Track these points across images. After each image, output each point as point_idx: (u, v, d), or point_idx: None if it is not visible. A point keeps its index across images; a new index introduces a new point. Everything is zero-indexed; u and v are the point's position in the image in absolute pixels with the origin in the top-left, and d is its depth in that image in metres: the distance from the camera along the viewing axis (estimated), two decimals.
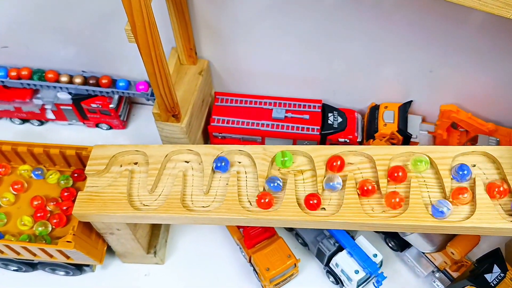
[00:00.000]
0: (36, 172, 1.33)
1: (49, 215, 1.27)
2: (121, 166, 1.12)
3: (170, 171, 1.10)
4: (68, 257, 1.20)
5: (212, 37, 1.38)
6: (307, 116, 1.42)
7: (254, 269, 1.32)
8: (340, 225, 0.97)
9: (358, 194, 0.98)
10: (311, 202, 0.98)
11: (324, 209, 0.99)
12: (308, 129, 1.40)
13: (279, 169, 1.06)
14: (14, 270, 1.35)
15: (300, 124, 1.41)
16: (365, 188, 0.97)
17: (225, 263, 1.38)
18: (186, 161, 1.11)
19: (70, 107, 1.53)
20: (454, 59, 1.28)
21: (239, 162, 1.09)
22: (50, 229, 1.25)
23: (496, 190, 0.94)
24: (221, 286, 1.35)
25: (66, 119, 1.60)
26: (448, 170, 0.98)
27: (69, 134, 1.63)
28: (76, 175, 1.31)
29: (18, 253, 1.21)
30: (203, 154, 1.09)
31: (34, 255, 1.21)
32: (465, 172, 0.96)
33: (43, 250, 1.16)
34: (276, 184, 1.01)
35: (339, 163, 1.02)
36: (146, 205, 1.06)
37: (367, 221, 0.95)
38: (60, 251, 1.15)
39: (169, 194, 1.05)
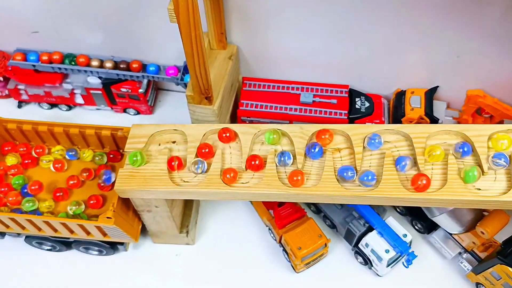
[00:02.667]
0: (70, 153, 1.36)
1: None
2: (159, 144, 1.15)
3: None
4: (105, 234, 1.23)
5: (242, 22, 1.40)
6: (334, 101, 1.45)
7: (284, 249, 1.34)
8: (380, 200, 0.99)
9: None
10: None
11: None
12: (336, 113, 1.43)
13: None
14: (47, 250, 1.37)
15: (327, 109, 1.43)
16: None
17: (254, 244, 1.41)
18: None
19: (100, 92, 1.55)
20: (482, 44, 1.30)
21: None
22: (83, 207, 1.28)
23: None
24: (250, 266, 1.37)
25: (95, 103, 1.62)
26: (486, 148, 1.00)
27: (97, 119, 1.66)
28: (111, 156, 1.34)
29: (55, 230, 1.23)
30: (240, 132, 1.11)
31: (72, 232, 1.23)
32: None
33: (81, 226, 1.18)
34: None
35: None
36: (186, 182, 1.08)
37: (406, 195, 0.97)
38: (99, 228, 1.18)
39: (208, 171, 1.08)
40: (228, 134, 1.10)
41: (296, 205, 1.35)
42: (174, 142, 1.15)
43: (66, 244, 1.34)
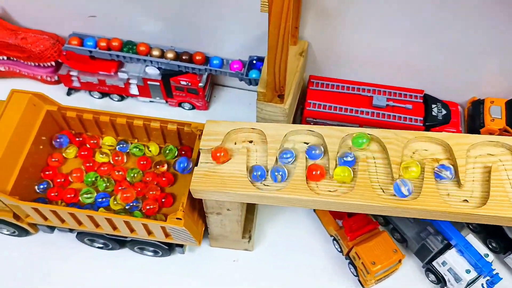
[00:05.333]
0: (120, 146, 1.28)
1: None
2: (235, 143, 1.06)
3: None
4: (167, 235, 1.15)
5: (318, 17, 1.32)
6: (410, 106, 1.35)
7: (351, 262, 1.25)
8: (488, 219, 0.90)
9: None
10: None
11: (467, 201, 0.92)
12: (410, 119, 1.34)
13: (410, 157, 0.99)
14: (98, 248, 1.30)
15: (402, 114, 1.34)
16: None
17: (316, 254, 1.32)
18: (305, 142, 1.05)
19: (158, 83, 1.47)
20: None
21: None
22: (141, 205, 1.20)
23: None
24: (312, 278, 1.29)
25: (150, 95, 1.54)
26: None
27: (150, 111, 1.57)
28: (183, 152, 1.26)
29: (115, 228, 1.16)
30: (326, 135, 1.03)
31: (132, 231, 1.15)
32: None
33: (145, 226, 1.10)
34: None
35: (318, 172, 0.98)
36: (267, 185, 1.00)
37: None
38: (163, 228, 1.10)
39: (292, 175, 0.99)
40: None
41: (367, 216, 1.26)
42: (251, 141, 1.07)
43: (120, 242, 1.26)
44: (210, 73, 1.44)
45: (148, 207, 1.16)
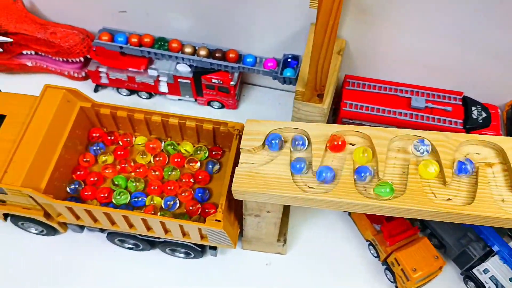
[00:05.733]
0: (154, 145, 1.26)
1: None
2: None
3: (333, 153, 1.00)
4: (203, 237, 1.12)
5: (357, 15, 1.28)
6: (449, 108, 1.31)
7: (388, 268, 1.22)
8: None
9: None
10: None
11: None
12: (450, 122, 1.30)
13: (464, 157, 0.96)
14: (128, 248, 1.27)
15: (441, 116, 1.30)
16: None
17: (351, 259, 1.29)
18: (351, 144, 1.01)
19: (189, 81, 1.44)
20: None
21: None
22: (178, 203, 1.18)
23: None
24: (345, 283, 1.25)
25: (179, 93, 1.51)
26: None
27: (178, 110, 1.54)
28: (214, 152, 1.23)
29: (149, 229, 1.13)
30: (374, 137, 0.99)
31: (167, 232, 1.12)
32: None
33: (181, 227, 1.07)
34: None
35: (340, 143, 0.98)
36: (311, 188, 0.96)
37: None
38: (199, 230, 1.07)
39: (338, 178, 0.96)
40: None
41: (406, 221, 1.23)
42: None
43: (151, 243, 1.23)
44: (242, 71, 1.41)
45: (190, 208, 1.13)
